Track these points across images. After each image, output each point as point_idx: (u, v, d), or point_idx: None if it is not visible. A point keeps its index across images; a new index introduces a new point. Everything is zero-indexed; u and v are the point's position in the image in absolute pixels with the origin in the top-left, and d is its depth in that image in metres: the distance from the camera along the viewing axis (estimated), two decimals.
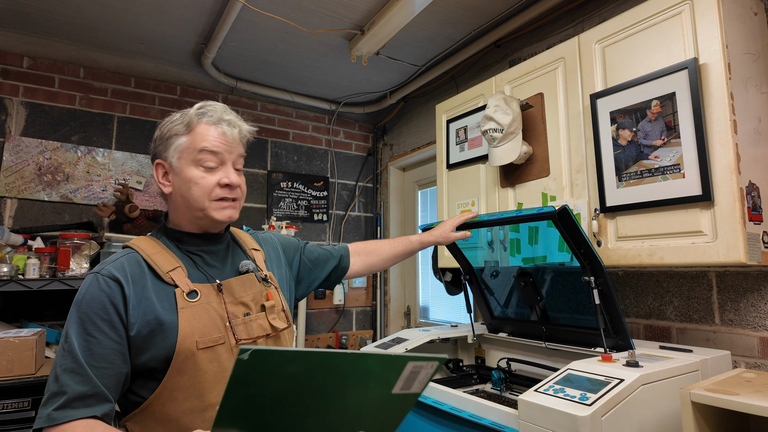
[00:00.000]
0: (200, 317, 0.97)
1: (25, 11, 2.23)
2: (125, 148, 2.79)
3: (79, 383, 0.86)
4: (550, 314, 1.66)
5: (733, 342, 1.46)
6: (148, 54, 2.68)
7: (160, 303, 0.95)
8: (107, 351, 0.90)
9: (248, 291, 1.07)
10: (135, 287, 0.95)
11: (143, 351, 0.92)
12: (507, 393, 1.72)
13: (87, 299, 0.92)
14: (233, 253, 1.14)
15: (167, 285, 0.98)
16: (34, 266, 2.11)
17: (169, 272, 0.98)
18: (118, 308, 0.92)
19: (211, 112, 1.05)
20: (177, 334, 0.92)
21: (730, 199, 1.19)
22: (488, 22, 2.32)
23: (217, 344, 0.96)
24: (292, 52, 2.63)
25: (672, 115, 1.31)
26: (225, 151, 1.03)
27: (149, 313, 0.93)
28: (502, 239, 1.81)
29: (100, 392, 0.87)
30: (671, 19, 1.35)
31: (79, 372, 0.87)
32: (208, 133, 1.02)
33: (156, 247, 1.03)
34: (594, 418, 0.99)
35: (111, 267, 0.96)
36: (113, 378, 0.90)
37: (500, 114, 1.69)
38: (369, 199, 3.70)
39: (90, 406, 0.86)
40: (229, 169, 1.04)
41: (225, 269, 1.09)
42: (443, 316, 3.10)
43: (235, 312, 1.02)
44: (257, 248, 1.21)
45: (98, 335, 0.90)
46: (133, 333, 0.92)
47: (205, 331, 0.96)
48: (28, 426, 1.77)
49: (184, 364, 0.92)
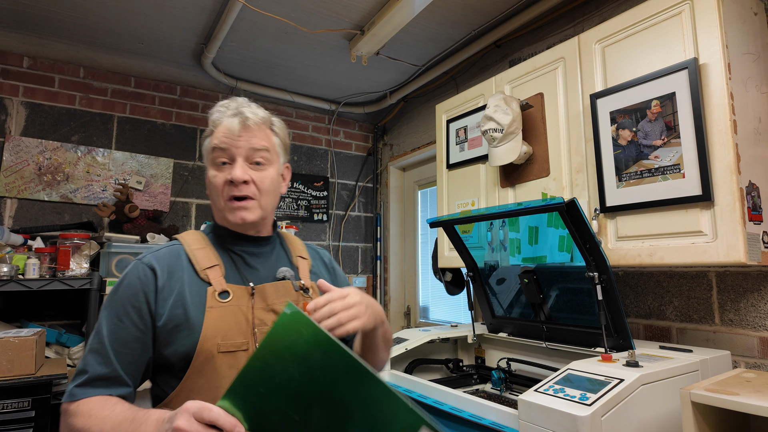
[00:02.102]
0: (227, 319, 0.94)
1: (25, 11, 2.23)
2: (125, 148, 2.79)
3: (101, 364, 0.89)
4: (551, 314, 1.66)
5: (733, 342, 1.46)
6: (148, 54, 2.68)
7: (191, 299, 0.94)
8: (130, 337, 0.91)
9: (282, 298, 1.00)
10: (169, 279, 0.95)
11: (167, 344, 0.92)
12: (507, 393, 1.72)
13: (124, 284, 0.95)
14: (277, 258, 1.08)
15: (202, 282, 0.96)
16: (34, 266, 2.11)
17: (206, 269, 0.97)
18: (149, 297, 0.93)
19: (222, 109, 1.01)
20: (200, 332, 0.91)
21: (730, 199, 1.19)
22: (488, 22, 2.32)
23: (239, 350, 0.93)
24: (292, 52, 2.63)
25: (672, 115, 1.31)
26: (231, 146, 0.97)
27: (178, 307, 0.93)
28: (502, 239, 1.81)
29: (118, 376, 0.90)
30: (671, 19, 1.35)
31: (102, 353, 0.90)
32: (218, 130, 1.00)
33: (201, 242, 1.02)
34: (594, 418, 0.99)
35: (152, 256, 0.97)
36: (133, 365, 0.91)
37: (500, 114, 1.69)
38: (369, 199, 3.70)
39: (109, 387, 0.89)
40: (237, 164, 0.97)
41: (264, 273, 1.03)
42: (443, 316, 3.10)
43: (264, 319, 0.97)
44: (304, 257, 1.13)
45: (125, 321, 0.92)
46: (160, 324, 0.92)
47: (228, 334, 0.93)
48: (28, 426, 1.77)
49: (204, 366, 0.91)
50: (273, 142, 1.03)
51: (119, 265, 2.21)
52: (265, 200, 1.01)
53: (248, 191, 0.98)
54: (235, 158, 0.97)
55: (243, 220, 0.99)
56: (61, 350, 2.18)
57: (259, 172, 0.99)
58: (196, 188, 2.99)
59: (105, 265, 2.19)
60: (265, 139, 1.01)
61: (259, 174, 0.99)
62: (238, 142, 0.97)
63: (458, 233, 1.86)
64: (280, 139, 1.06)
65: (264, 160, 1.00)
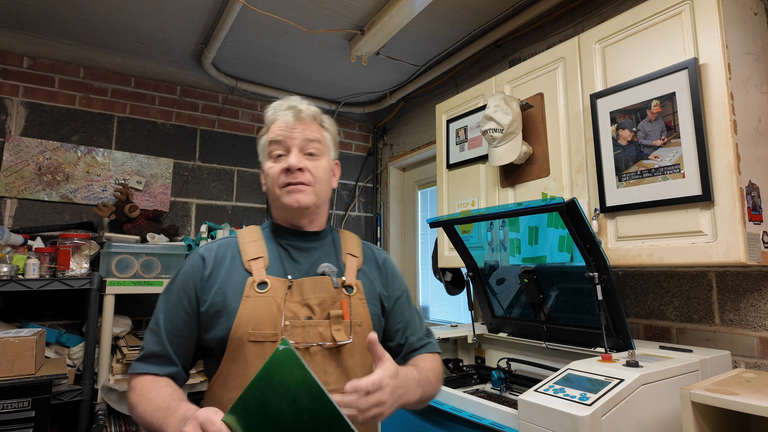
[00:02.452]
0: (260, 309, 0.98)
1: (25, 11, 2.23)
2: (125, 148, 2.79)
3: (155, 343, 1.00)
4: (551, 314, 1.66)
5: (733, 342, 1.46)
6: (148, 54, 2.68)
7: (232, 287, 1.00)
8: (181, 321, 1.00)
9: (317, 294, 1.01)
10: (217, 268, 1.02)
11: (208, 329, 1.00)
12: (507, 393, 1.72)
13: (181, 272, 1.04)
14: (324, 253, 1.09)
15: (245, 272, 1.02)
16: (34, 266, 2.11)
17: (250, 260, 1.03)
18: (197, 284, 1.01)
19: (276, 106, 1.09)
20: (234, 320, 0.97)
21: (730, 199, 1.19)
22: (488, 22, 2.32)
23: (267, 341, 0.96)
24: (292, 52, 2.63)
25: (672, 115, 1.31)
26: (287, 138, 1.04)
27: (219, 294, 0.99)
28: (502, 239, 1.81)
29: (168, 355, 0.99)
30: (671, 19, 1.35)
31: (156, 333, 1.00)
32: (274, 125, 1.07)
33: (254, 235, 1.09)
34: (594, 418, 0.99)
35: (206, 247, 1.07)
36: (182, 346, 1.00)
37: (500, 114, 1.69)
38: (369, 199, 3.70)
39: (159, 364, 0.99)
40: (292, 153, 1.03)
41: (306, 267, 1.06)
42: (443, 316, 3.10)
43: (297, 312, 0.99)
44: (355, 255, 1.12)
45: (177, 305, 1.01)
46: (203, 309, 0.99)
47: (260, 325, 0.97)
48: (28, 426, 1.76)
49: (236, 353, 0.96)
50: (324, 136, 1.10)
51: (119, 265, 2.21)
52: (318, 187, 1.06)
53: (303, 178, 1.03)
54: (290, 149, 1.04)
55: (298, 203, 1.03)
56: (61, 350, 2.18)
57: (313, 161, 1.05)
58: (196, 188, 2.99)
59: (105, 265, 2.20)
60: (317, 131, 1.08)
61: (313, 163, 1.05)
62: (292, 134, 1.04)
63: (458, 233, 1.86)
64: (330, 134, 1.13)
65: (317, 151, 1.06)
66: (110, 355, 2.11)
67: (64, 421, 2.28)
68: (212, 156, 3.07)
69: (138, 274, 2.24)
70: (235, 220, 3.09)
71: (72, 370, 2.08)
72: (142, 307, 2.68)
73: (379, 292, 1.12)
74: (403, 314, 1.16)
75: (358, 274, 1.10)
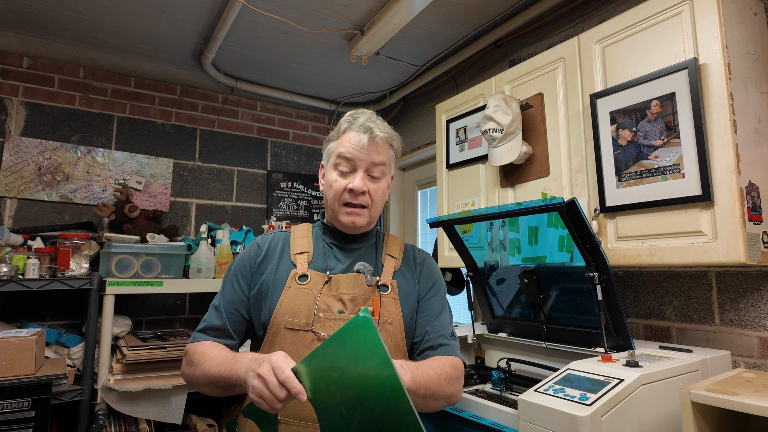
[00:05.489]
0: (298, 300, 1.07)
1: (25, 11, 2.23)
2: (125, 148, 2.79)
3: (216, 318, 1.12)
4: (551, 314, 1.66)
5: (733, 342, 1.46)
6: (148, 54, 2.68)
7: (277, 276, 1.11)
8: (237, 300, 1.12)
9: (351, 290, 1.09)
10: (268, 257, 1.14)
11: (254, 311, 1.12)
12: (507, 393, 1.72)
13: (241, 256, 1.17)
14: (365, 253, 1.17)
15: (291, 264, 1.12)
16: (33, 266, 2.11)
17: (297, 254, 1.13)
18: (252, 269, 1.13)
19: (355, 120, 1.11)
20: (275, 307, 1.07)
21: (730, 199, 1.19)
22: (488, 22, 2.32)
23: (301, 329, 1.04)
24: (292, 52, 2.63)
25: (672, 115, 1.31)
26: (356, 158, 1.08)
27: (266, 282, 1.11)
28: (502, 239, 1.81)
29: (226, 329, 1.11)
30: (671, 19, 1.35)
31: (218, 309, 1.12)
32: (347, 139, 1.10)
33: (304, 232, 1.19)
34: (594, 418, 0.99)
35: (262, 237, 1.19)
36: (237, 323, 1.12)
37: (500, 114, 1.69)
38: None
39: (219, 337, 1.10)
40: (358, 175, 1.08)
41: (345, 265, 1.14)
42: None
43: (330, 306, 1.07)
44: (394, 256, 1.19)
45: (235, 285, 1.13)
46: (252, 293, 1.12)
47: (296, 313, 1.05)
48: (28, 426, 1.76)
49: (274, 337, 1.06)
50: (389, 156, 1.14)
51: (119, 265, 2.21)
52: (375, 210, 1.14)
53: (363, 201, 1.10)
54: (357, 170, 1.09)
55: (353, 224, 1.11)
56: (61, 350, 2.18)
57: (375, 184, 1.11)
58: (195, 188, 2.99)
59: (105, 265, 2.19)
60: (384, 153, 1.12)
61: (374, 186, 1.11)
62: (362, 155, 1.09)
63: (458, 233, 1.86)
64: (395, 152, 1.17)
65: (380, 173, 1.12)
66: (110, 355, 2.11)
67: (64, 421, 2.28)
68: (212, 156, 3.07)
69: (138, 274, 2.23)
70: (235, 220, 3.09)
71: (72, 370, 2.08)
72: (141, 307, 2.68)
73: (415, 292, 1.17)
74: (428, 310, 1.18)
75: (395, 275, 1.16)
